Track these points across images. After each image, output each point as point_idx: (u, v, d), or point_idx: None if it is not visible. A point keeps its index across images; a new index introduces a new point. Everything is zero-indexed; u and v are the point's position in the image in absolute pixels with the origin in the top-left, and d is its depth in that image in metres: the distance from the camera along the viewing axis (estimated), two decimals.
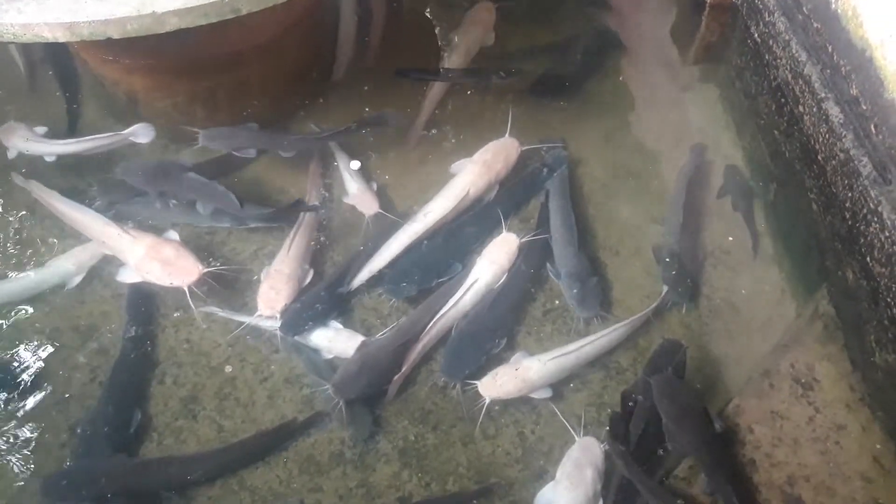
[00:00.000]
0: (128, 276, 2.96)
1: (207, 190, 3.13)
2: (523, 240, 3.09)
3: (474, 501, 2.57)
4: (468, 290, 2.95)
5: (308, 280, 3.00)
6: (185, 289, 2.83)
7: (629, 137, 3.57)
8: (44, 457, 2.62)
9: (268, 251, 3.13)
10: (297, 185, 3.34)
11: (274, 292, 2.89)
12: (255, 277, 3.03)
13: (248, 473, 2.62)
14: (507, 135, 3.40)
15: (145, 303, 2.99)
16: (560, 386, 2.80)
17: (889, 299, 2.34)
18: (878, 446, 2.38)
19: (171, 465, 2.60)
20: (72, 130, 3.56)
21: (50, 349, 2.88)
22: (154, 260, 2.88)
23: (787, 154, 3.01)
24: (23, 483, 2.56)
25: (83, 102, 3.67)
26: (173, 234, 3.04)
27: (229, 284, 3.04)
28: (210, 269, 2.91)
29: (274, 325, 2.87)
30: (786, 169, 3.03)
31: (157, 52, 3.16)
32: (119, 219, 3.08)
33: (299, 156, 3.33)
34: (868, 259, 2.43)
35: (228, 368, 2.86)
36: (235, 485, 2.60)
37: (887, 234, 2.33)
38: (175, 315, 2.98)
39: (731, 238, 3.16)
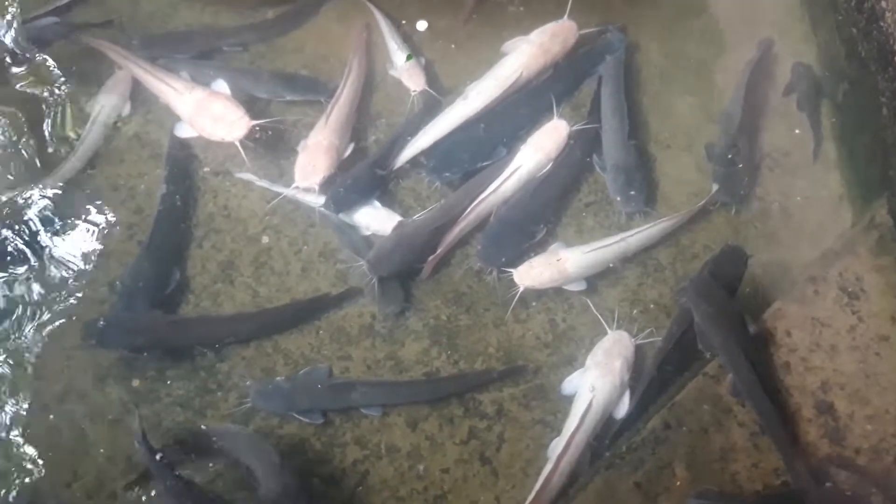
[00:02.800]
0: (182, 131, 2.96)
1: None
2: (573, 128, 2.96)
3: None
4: (510, 176, 2.87)
5: (348, 153, 2.93)
6: (237, 143, 2.80)
7: (695, 25, 3.34)
8: (85, 309, 2.67)
9: (307, 122, 3.06)
10: (341, 54, 3.21)
11: (311, 164, 2.83)
12: (295, 149, 2.97)
13: (282, 338, 2.68)
14: (565, 16, 3.20)
15: (185, 165, 2.97)
16: (595, 279, 2.77)
17: None
18: None
19: (205, 324, 2.67)
20: None
21: (91, 208, 2.90)
22: (203, 114, 2.85)
23: (864, 53, 2.79)
24: (64, 326, 2.64)
25: None
26: (222, 85, 2.98)
27: (271, 149, 2.99)
28: (259, 123, 2.85)
29: (311, 197, 2.84)
30: (860, 69, 2.82)
31: None
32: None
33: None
34: None
35: (265, 239, 2.87)
36: (270, 348, 2.67)
37: None
38: (215, 180, 2.96)
39: (792, 140, 3.00)
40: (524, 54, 3.10)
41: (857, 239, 2.55)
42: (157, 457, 2.26)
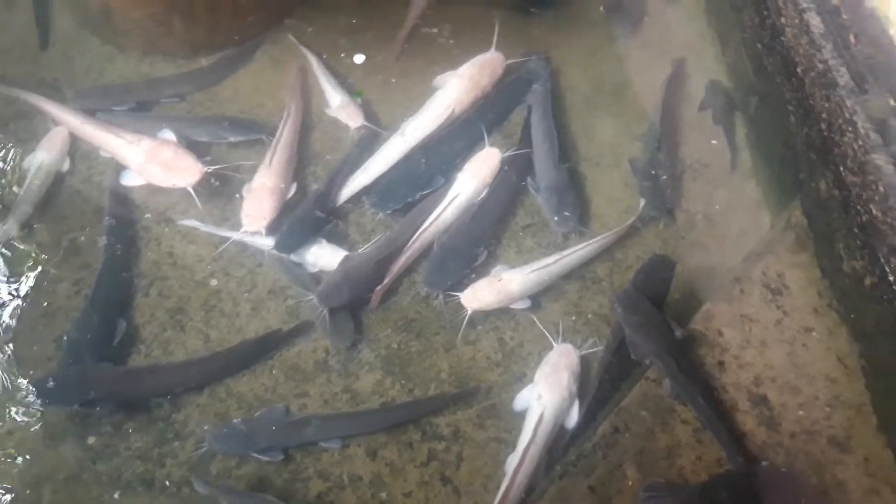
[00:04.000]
0: (128, 180, 2.98)
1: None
2: (506, 154, 3.10)
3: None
4: (450, 204, 2.98)
5: (292, 193, 3.01)
6: (190, 189, 2.85)
7: (614, 51, 3.56)
8: (32, 369, 2.65)
9: (250, 166, 3.12)
10: (277, 98, 3.30)
11: (258, 207, 2.90)
12: (236, 196, 3.03)
13: (234, 382, 2.69)
14: (492, 48, 3.36)
15: (126, 215, 2.99)
16: (538, 296, 2.87)
17: (859, 207, 2.40)
18: (843, 348, 2.49)
19: (157, 373, 2.65)
20: (43, 45, 3.48)
21: (35, 265, 2.89)
22: (154, 163, 2.88)
23: (769, 67, 3.01)
24: (10, 393, 2.61)
25: (55, 14, 3.56)
26: (169, 134, 3.02)
27: (215, 196, 3.04)
28: (212, 169, 2.90)
29: (259, 239, 2.90)
30: (767, 82, 3.04)
31: None
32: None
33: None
34: (841, 168, 2.47)
35: (213, 282, 2.89)
36: (223, 393, 2.68)
37: (860, 143, 2.36)
38: (158, 228, 2.99)
39: (710, 151, 3.19)
40: (455, 88, 3.25)
41: (776, 239, 2.73)
42: None
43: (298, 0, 3.62)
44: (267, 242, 2.88)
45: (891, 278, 2.32)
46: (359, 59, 3.45)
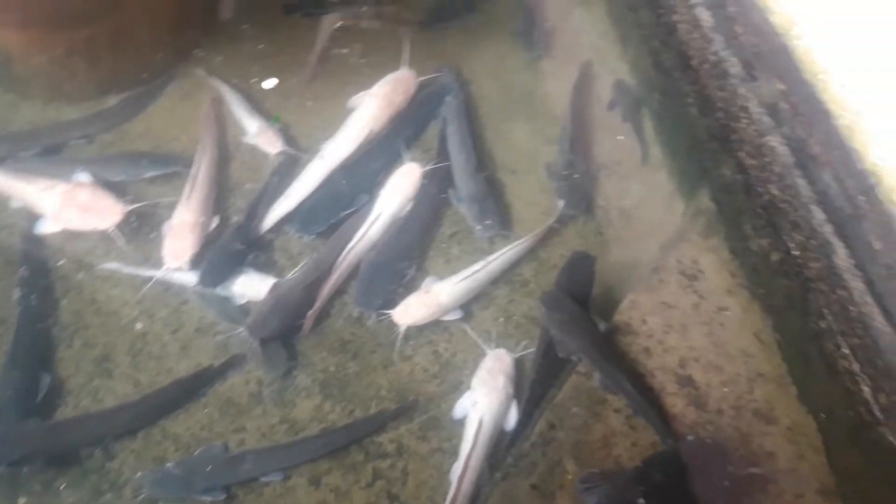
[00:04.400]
0: (46, 228, 2.88)
1: None
2: (426, 168, 3.14)
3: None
4: (374, 222, 3.00)
5: (213, 227, 2.98)
6: (112, 230, 2.79)
7: (522, 58, 3.64)
8: None
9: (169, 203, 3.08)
10: (190, 133, 3.27)
11: (179, 243, 2.85)
12: (153, 235, 2.97)
13: (169, 423, 2.64)
14: (403, 66, 3.41)
15: (42, 265, 2.91)
16: (470, 305, 2.91)
17: (760, 189, 2.53)
18: (758, 324, 2.60)
19: (85, 423, 2.59)
20: None
21: None
22: (71, 206, 2.81)
23: (667, 63, 3.14)
24: None
25: None
26: (85, 176, 2.95)
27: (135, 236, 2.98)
28: (133, 207, 2.85)
29: (183, 276, 2.85)
30: (667, 77, 3.17)
31: (27, 3, 3.00)
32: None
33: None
34: (740, 153, 2.60)
35: (139, 325, 2.84)
36: (158, 435, 2.62)
37: (755, 127, 2.49)
38: (78, 276, 2.92)
39: (621, 148, 3.30)
40: (371, 107, 3.28)
41: (688, 227, 2.84)
42: None
43: (203, 32, 3.60)
44: (191, 278, 2.84)
45: (794, 253, 2.45)
46: (270, 83, 3.45)
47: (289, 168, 3.18)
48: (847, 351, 2.32)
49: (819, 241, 2.29)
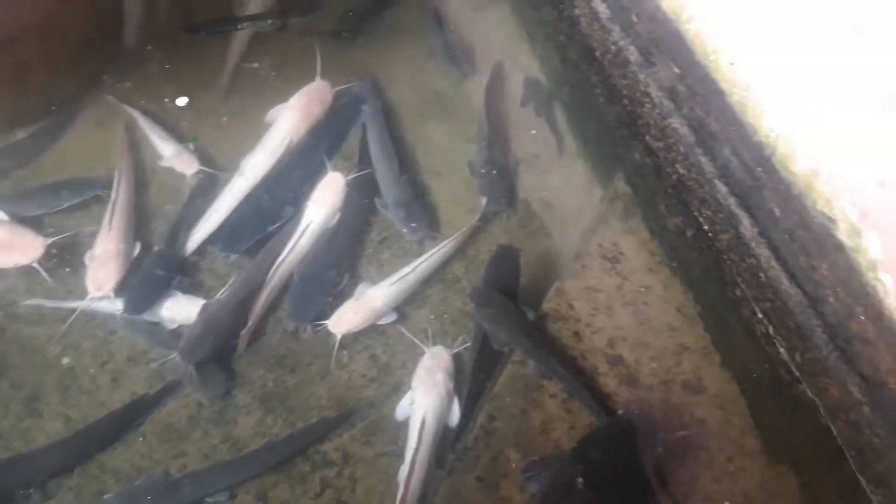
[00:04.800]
0: None
1: None
2: (349, 177, 3.16)
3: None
4: (302, 234, 3.00)
5: (136, 253, 2.93)
6: (36, 266, 2.72)
7: (437, 62, 3.69)
8: None
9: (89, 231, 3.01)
10: (105, 161, 3.21)
11: (103, 271, 2.80)
12: (67, 269, 2.91)
13: (105, 456, 2.58)
14: (317, 77, 3.42)
15: None
16: (404, 306, 2.94)
17: (668, 169, 2.64)
18: (680, 299, 2.72)
19: (17, 465, 2.51)
20: None
21: None
22: None
23: (573, 56, 3.25)
24: None
25: None
26: (1, 215, 2.87)
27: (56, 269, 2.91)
28: (53, 240, 2.79)
29: (108, 306, 2.80)
30: (574, 70, 3.28)
31: None
32: None
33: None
34: (647, 137, 2.72)
35: (66, 360, 2.77)
36: (96, 469, 2.56)
37: (658, 111, 2.61)
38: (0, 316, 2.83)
39: (537, 142, 3.38)
40: (288, 120, 3.27)
41: (607, 211, 2.95)
42: None
43: (109, 59, 3.53)
44: (117, 307, 2.79)
45: (705, 227, 2.57)
46: (182, 101, 3.41)
47: (208, 188, 3.15)
48: (761, 315, 2.45)
49: (725, 213, 2.41)
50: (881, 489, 2.16)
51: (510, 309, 2.63)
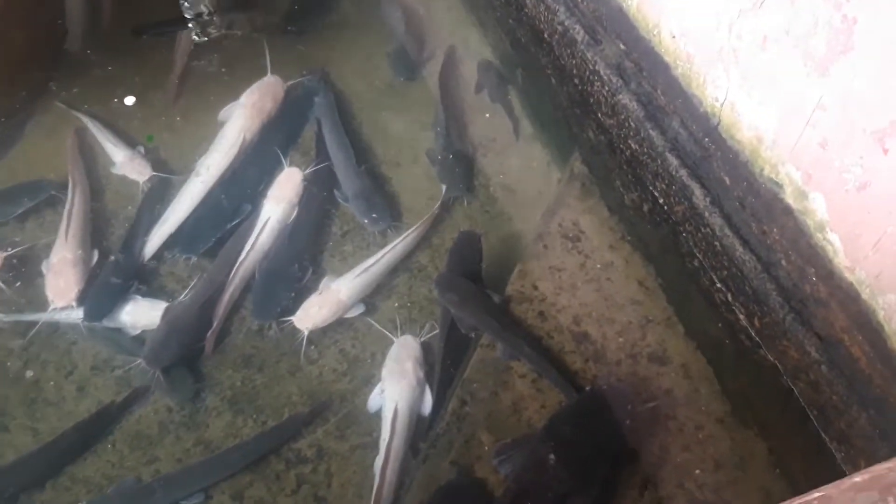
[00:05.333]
0: None
1: None
2: (306, 171, 3.14)
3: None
4: (262, 231, 2.98)
5: (94, 261, 2.89)
6: None
7: (387, 52, 3.68)
8: None
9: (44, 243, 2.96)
10: (58, 170, 3.15)
11: (63, 281, 2.77)
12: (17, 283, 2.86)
13: (76, 468, 2.55)
14: (268, 73, 3.39)
15: None
16: (370, 298, 2.94)
17: (621, 146, 2.67)
18: (641, 273, 2.75)
19: None
20: None
21: None
22: None
23: (523, 39, 3.26)
24: None
25: None
26: None
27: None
28: (10, 253, 2.78)
29: (71, 315, 2.76)
30: (524, 53, 3.29)
31: None
32: None
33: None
34: (599, 115, 2.74)
35: (29, 373, 2.72)
36: (67, 481, 2.53)
37: (607, 88, 2.63)
38: None
39: (493, 127, 3.40)
40: (241, 118, 3.25)
41: (565, 192, 2.96)
42: None
43: (54, 66, 3.46)
44: (78, 316, 2.75)
45: (660, 200, 2.60)
46: (130, 100, 3.37)
47: (162, 192, 3.12)
48: (720, 284, 2.49)
49: (678, 185, 2.44)
50: (844, 446, 2.22)
51: (475, 293, 2.64)
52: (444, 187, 3.15)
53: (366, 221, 3.08)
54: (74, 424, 2.59)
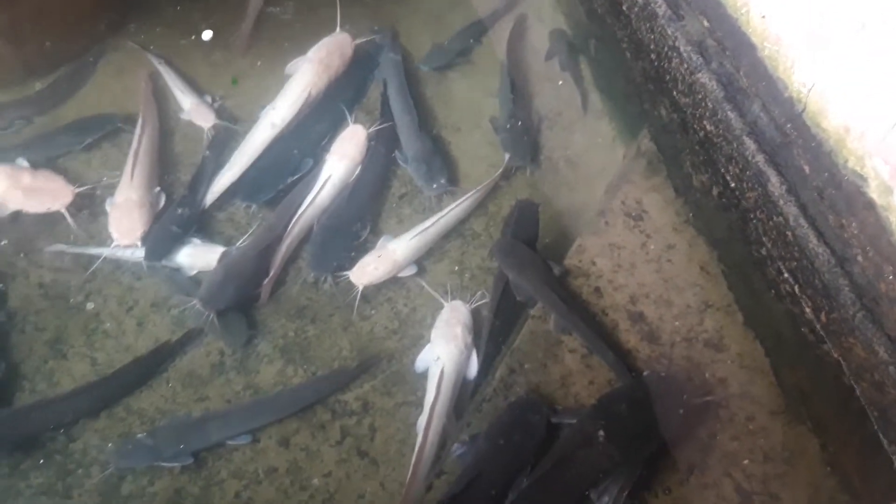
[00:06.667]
0: None
1: None
2: (370, 130, 3.14)
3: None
4: (323, 186, 2.99)
5: (161, 203, 2.95)
6: (64, 211, 2.80)
7: (457, 14, 3.63)
8: None
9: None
10: (128, 109, 3.19)
11: (127, 220, 2.82)
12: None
13: (132, 399, 2.63)
14: (338, 29, 3.38)
15: None
16: (423, 260, 2.94)
17: (695, 126, 2.59)
18: (704, 257, 2.69)
19: (46, 408, 2.55)
20: None
21: None
22: (18, 189, 2.81)
23: (599, 10, 3.18)
24: None
25: None
26: (23, 162, 2.93)
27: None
28: (83, 189, 2.87)
29: (134, 253, 2.82)
30: (601, 24, 3.21)
31: None
32: None
33: None
34: (674, 93, 2.66)
35: (90, 305, 2.80)
36: (122, 412, 2.61)
37: (686, 66, 2.55)
38: (21, 261, 2.85)
39: (561, 98, 3.34)
40: (308, 73, 3.23)
41: (631, 168, 2.90)
42: None
43: (125, 3, 3.50)
44: (139, 254, 2.81)
45: (732, 185, 2.53)
46: (207, 35, 3.41)
47: (225, 140, 3.14)
48: (787, 275, 2.41)
49: (753, 171, 2.37)
50: None
51: (537, 261, 2.61)
52: (506, 156, 3.12)
53: (423, 184, 3.07)
54: (134, 359, 2.67)
